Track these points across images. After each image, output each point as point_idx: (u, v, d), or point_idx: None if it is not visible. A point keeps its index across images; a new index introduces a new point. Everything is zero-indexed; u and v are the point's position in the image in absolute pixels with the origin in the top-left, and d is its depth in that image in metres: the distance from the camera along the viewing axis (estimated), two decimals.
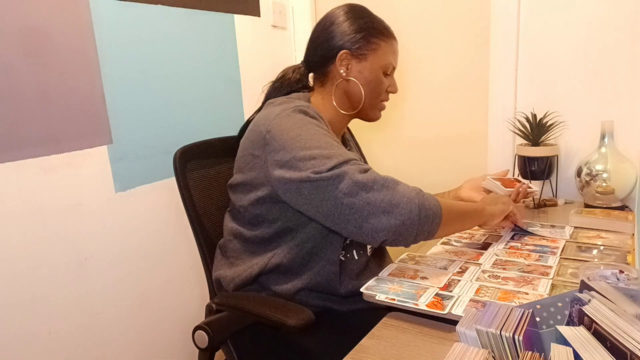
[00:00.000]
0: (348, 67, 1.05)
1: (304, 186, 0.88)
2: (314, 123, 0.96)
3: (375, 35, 1.05)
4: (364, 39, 1.04)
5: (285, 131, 0.92)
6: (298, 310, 0.89)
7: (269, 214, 0.99)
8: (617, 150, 1.37)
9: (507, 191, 1.28)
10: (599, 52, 1.41)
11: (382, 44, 1.06)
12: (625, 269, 0.81)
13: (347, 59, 1.05)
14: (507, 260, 1.02)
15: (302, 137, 0.91)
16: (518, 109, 1.56)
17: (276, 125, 0.94)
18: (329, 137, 0.94)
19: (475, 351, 0.58)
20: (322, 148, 0.90)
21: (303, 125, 0.93)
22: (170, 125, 1.42)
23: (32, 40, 1.07)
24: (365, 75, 1.06)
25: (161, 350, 1.46)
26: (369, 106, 1.09)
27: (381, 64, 1.06)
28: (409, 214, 0.84)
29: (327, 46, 1.06)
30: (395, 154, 1.92)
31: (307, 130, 0.92)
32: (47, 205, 1.13)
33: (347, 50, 1.04)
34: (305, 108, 0.98)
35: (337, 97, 1.08)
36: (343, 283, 1.03)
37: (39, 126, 1.09)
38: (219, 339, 0.97)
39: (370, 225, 0.85)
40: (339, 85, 1.07)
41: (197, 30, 1.49)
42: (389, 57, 1.07)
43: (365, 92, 1.06)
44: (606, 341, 0.53)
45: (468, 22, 1.68)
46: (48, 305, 1.14)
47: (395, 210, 0.84)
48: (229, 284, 1.06)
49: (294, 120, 0.95)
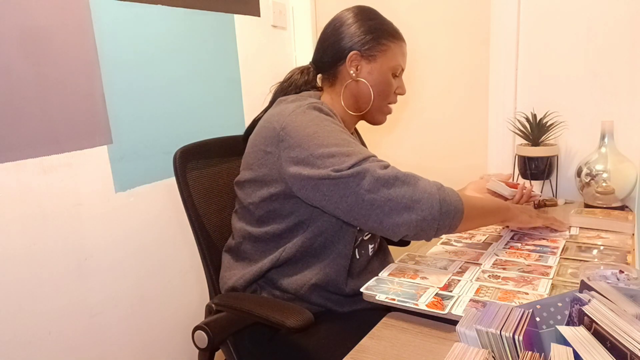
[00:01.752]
0: (358, 68, 1.06)
1: (323, 183, 0.89)
2: (330, 120, 0.96)
3: (385, 36, 1.05)
4: (374, 40, 1.04)
5: (301, 128, 0.92)
6: (297, 311, 0.89)
7: (282, 209, 0.99)
8: (617, 150, 1.37)
9: (512, 191, 1.28)
10: (599, 52, 1.41)
11: (392, 46, 1.06)
12: (625, 269, 0.81)
13: (357, 60, 1.05)
14: (507, 260, 1.02)
15: (319, 135, 0.91)
16: (518, 109, 1.56)
17: (291, 122, 0.94)
18: (345, 134, 0.95)
19: (475, 351, 0.58)
20: (340, 146, 0.90)
21: (319, 123, 0.94)
22: (170, 125, 1.42)
23: (32, 40, 1.07)
24: (374, 76, 1.06)
25: (161, 350, 1.46)
26: (377, 108, 1.09)
27: (390, 65, 1.07)
28: (430, 209, 0.86)
29: (337, 47, 1.06)
30: (395, 154, 1.92)
31: (323, 128, 0.93)
32: (47, 205, 1.13)
33: (357, 51, 1.04)
34: (320, 105, 0.98)
35: (346, 97, 1.09)
36: (349, 281, 1.03)
37: (39, 126, 1.09)
38: (219, 339, 0.97)
39: (392, 220, 0.87)
40: (348, 86, 1.07)
41: (197, 30, 1.49)
42: (398, 59, 1.08)
43: (374, 93, 1.07)
44: (606, 341, 0.53)
45: (468, 22, 1.68)
46: (48, 305, 1.14)
47: (417, 206, 0.86)
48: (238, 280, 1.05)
49: (309, 117, 0.95)
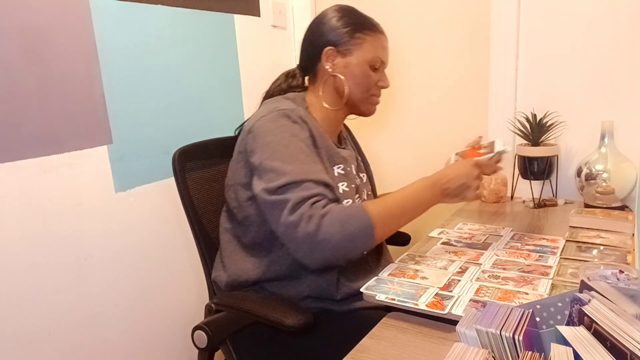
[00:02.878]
0: (334, 62, 1.06)
1: (259, 198, 0.93)
2: (292, 130, 0.96)
3: (360, 30, 1.05)
4: (348, 35, 1.05)
5: (262, 135, 0.95)
6: (296, 311, 0.90)
7: (258, 215, 1.00)
8: (617, 150, 1.37)
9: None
10: (599, 52, 1.41)
11: (368, 39, 1.06)
12: (625, 269, 0.81)
13: (332, 56, 1.06)
14: (507, 260, 1.02)
15: (272, 145, 0.94)
16: (518, 109, 1.56)
17: (258, 127, 0.97)
18: (300, 147, 0.95)
19: (475, 351, 0.58)
20: (283, 161, 0.92)
21: (280, 133, 0.95)
22: (170, 125, 1.42)
23: (32, 40, 1.07)
24: (351, 70, 1.06)
25: (160, 350, 1.46)
26: (359, 100, 1.09)
27: (367, 58, 1.06)
28: (331, 250, 0.87)
29: (314, 45, 1.08)
30: (395, 154, 1.92)
31: (280, 139, 0.94)
32: (47, 205, 1.13)
33: (332, 47, 1.05)
34: (289, 112, 0.99)
35: (327, 94, 1.09)
36: (340, 287, 1.03)
37: (39, 126, 1.09)
38: (218, 338, 0.97)
39: (301, 256, 0.90)
40: (327, 82, 1.09)
41: (197, 30, 1.49)
42: (376, 52, 1.07)
43: (351, 87, 1.07)
44: (606, 341, 0.53)
45: (468, 22, 1.68)
46: (48, 305, 1.14)
47: (318, 248, 0.87)
48: (226, 286, 1.06)
49: (275, 125, 0.96)
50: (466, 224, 1.30)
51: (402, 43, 1.79)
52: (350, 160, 1.12)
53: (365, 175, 1.22)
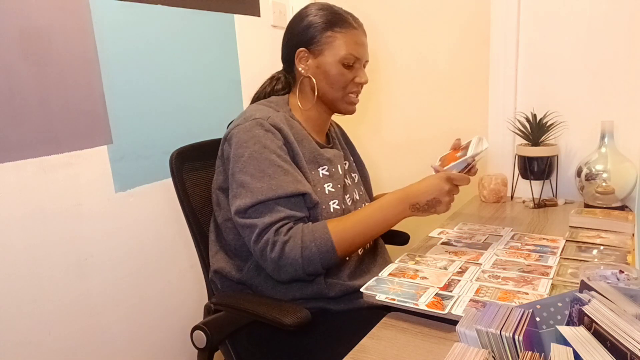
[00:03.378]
0: (307, 64, 1.07)
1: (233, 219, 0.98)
2: (264, 142, 0.97)
3: (329, 28, 1.04)
4: (319, 34, 1.04)
5: (236, 146, 0.98)
6: (295, 310, 0.90)
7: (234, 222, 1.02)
8: (617, 150, 1.37)
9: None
10: (599, 52, 1.41)
11: (339, 36, 1.04)
12: (625, 269, 0.81)
13: (305, 57, 1.06)
14: (507, 260, 1.02)
15: (244, 159, 0.96)
16: (518, 109, 1.56)
17: (235, 134, 1.00)
18: (270, 160, 0.96)
19: (475, 351, 0.58)
20: (254, 177, 0.95)
21: (252, 145, 0.97)
22: (170, 125, 1.42)
23: (32, 40, 1.07)
24: (323, 69, 1.05)
25: (160, 350, 1.46)
26: (335, 100, 1.09)
27: (339, 56, 1.04)
28: (295, 272, 0.94)
29: (288, 48, 1.09)
30: (394, 154, 1.92)
31: (252, 151, 0.96)
32: (47, 205, 1.13)
33: (303, 48, 1.05)
34: (262, 120, 0.99)
35: (304, 94, 1.10)
36: (331, 285, 1.03)
37: (38, 126, 1.09)
38: (217, 338, 0.97)
39: (271, 274, 0.97)
40: (302, 83, 1.09)
41: (197, 30, 1.49)
42: (348, 48, 1.04)
43: (325, 87, 1.07)
44: (606, 341, 0.53)
45: (468, 22, 1.68)
46: (48, 305, 1.14)
47: (283, 270, 0.94)
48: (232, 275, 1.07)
49: (248, 136, 0.98)
50: (466, 224, 1.30)
51: (402, 43, 1.79)
52: (336, 160, 1.11)
53: (357, 176, 1.21)
